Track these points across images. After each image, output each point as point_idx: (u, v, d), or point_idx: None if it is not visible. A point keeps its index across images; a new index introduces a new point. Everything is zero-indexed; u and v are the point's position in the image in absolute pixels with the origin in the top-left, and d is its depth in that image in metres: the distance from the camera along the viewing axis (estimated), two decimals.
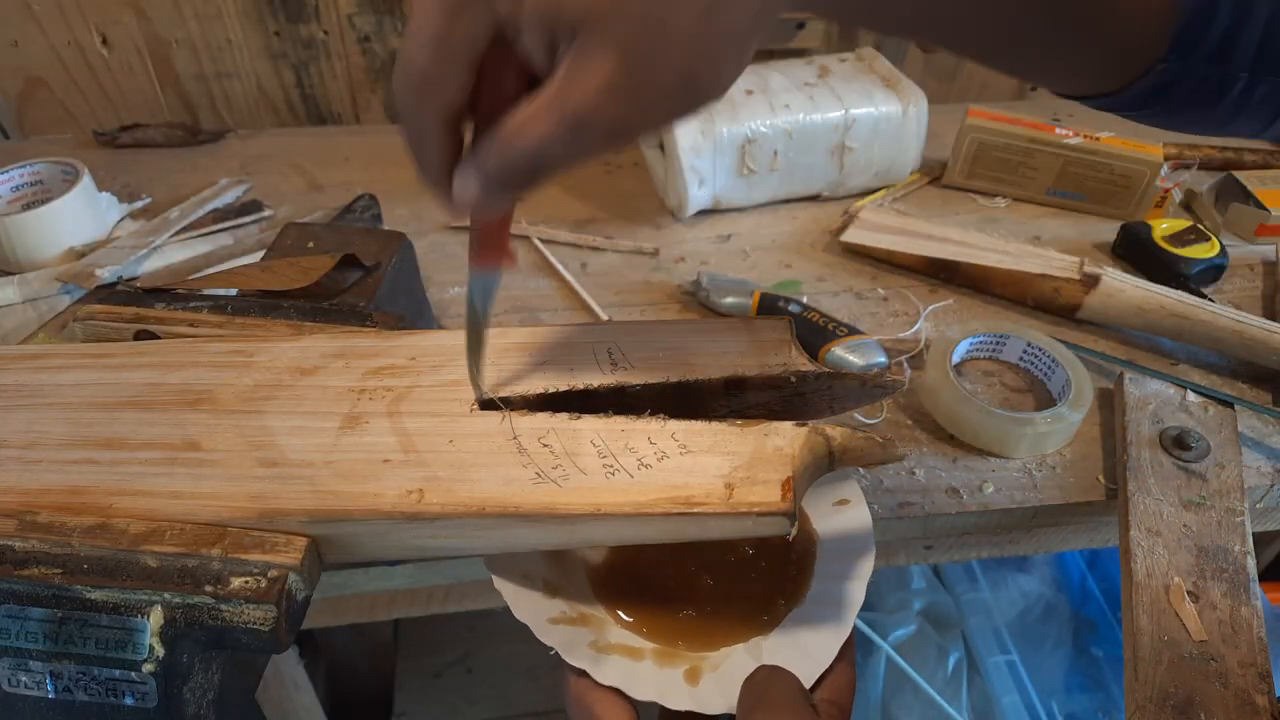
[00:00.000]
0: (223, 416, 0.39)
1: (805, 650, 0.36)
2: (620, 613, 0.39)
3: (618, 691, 0.35)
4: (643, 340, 0.42)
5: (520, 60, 0.29)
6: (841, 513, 0.42)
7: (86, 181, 0.75)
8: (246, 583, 0.33)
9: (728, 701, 0.34)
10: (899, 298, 0.75)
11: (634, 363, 0.40)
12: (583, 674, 0.35)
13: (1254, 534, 0.53)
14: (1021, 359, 0.67)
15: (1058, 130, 0.84)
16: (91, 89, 0.94)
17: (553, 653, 0.35)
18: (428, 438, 0.37)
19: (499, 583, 0.37)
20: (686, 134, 0.77)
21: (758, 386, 0.40)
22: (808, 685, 0.34)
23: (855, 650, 0.36)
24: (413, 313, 0.62)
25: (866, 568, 0.39)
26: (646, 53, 0.27)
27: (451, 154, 0.31)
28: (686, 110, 0.29)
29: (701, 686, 0.35)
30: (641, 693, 0.35)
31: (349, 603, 0.63)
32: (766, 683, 0.33)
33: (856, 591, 0.37)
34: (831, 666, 0.35)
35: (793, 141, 0.81)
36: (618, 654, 0.36)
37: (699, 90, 0.28)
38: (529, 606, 0.37)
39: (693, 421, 0.36)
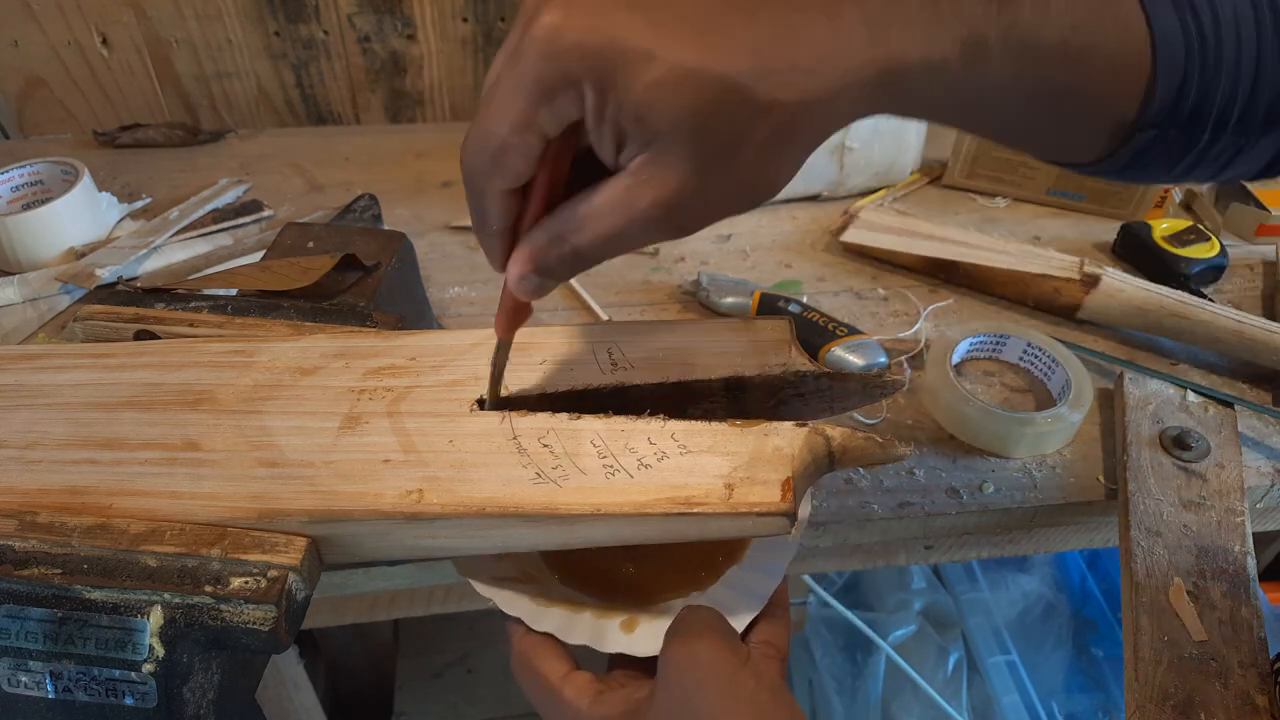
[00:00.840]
0: (223, 416, 0.39)
1: (738, 599, 0.37)
2: (563, 571, 0.40)
3: (554, 639, 0.36)
4: (643, 340, 0.42)
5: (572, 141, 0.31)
6: None
7: (86, 181, 0.75)
8: (246, 583, 0.33)
9: (659, 645, 0.35)
10: (899, 298, 0.75)
11: (634, 363, 0.40)
12: (517, 622, 0.36)
13: (1254, 534, 0.53)
14: (1021, 359, 0.67)
15: None
16: (91, 89, 0.94)
17: (491, 604, 0.37)
18: (428, 438, 0.37)
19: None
20: None
21: (758, 386, 0.40)
22: (740, 629, 0.36)
23: (789, 599, 0.38)
24: (413, 313, 0.62)
25: (803, 521, 0.40)
26: (723, 163, 0.29)
27: (510, 219, 0.33)
28: (742, 211, 0.31)
29: (636, 633, 0.37)
30: (576, 638, 0.36)
31: (349, 603, 0.63)
32: (689, 616, 0.34)
33: (789, 548, 0.39)
34: (767, 613, 0.37)
35: None
36: (559, 607, 0.37)
37: (760, 196, 0.31)
38: (474, 565, 0.38)
39: (693, 421, 0.36)
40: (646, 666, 0.36)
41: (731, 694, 0.32)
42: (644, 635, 0.37)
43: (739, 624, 0.36)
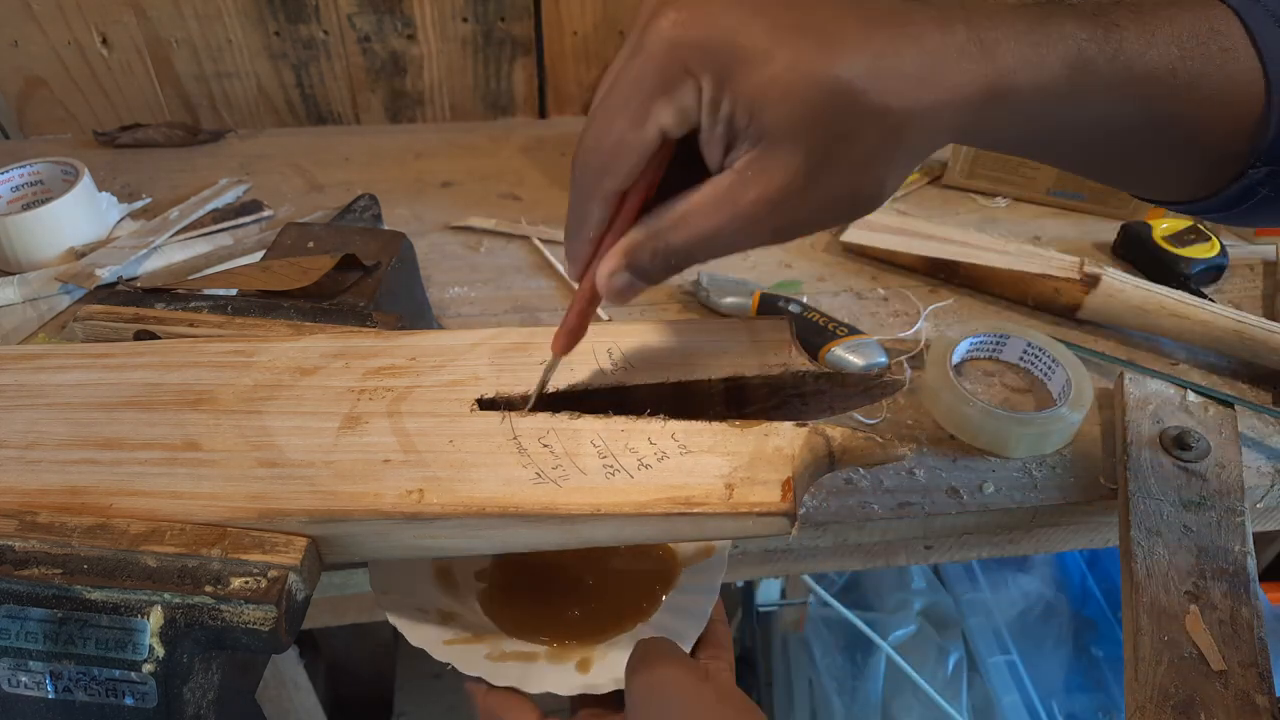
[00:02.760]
0: (223, 416, 0.39)
1: (682, 623, 0.39)
2: (513, 626, 0.41)
3: (516, 690, 0.37)
4: (643, 340, 0.42)
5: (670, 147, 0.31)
6: None
7: (86, 181, 0.75)
8: (246, 583, 0.33)
9: (616, 680, 0.37)
10: (899, 298, 0.75)
11: (634, 363, 0.40)
12: (478, 681, 0.38)
13: (1254, 534, 0.53)
14: (1021, 359, 0.67)
15: None
16: (91, 89, 0.94)
17: (449, 667, 0.38)
18: (428, 438, 0.37)
19: (392, 618, 0.40)
20: None
21: (758, 386, 0.40)
22: (688, 649, 0.38)
23: (723, 610, 0.40)
24: (413, 313, 0.62)
25: (725, 543, 0.42)
26: (830, 165, 0.29)
27: (605, 226, 0.33)
28: (844, 220, 0.31)
29: (593, 672, 0.38)
30: (535, 686, 0.37)
31: (349, 603, 0.63)
32: (645, 648, 0.36)
33: (718, 565, 0.41)
34: (708, 628, 0.39)
35: None
36: (513, 660, 0.39)
37: (865, 204, 0.31)
38: (425, 635, 0.39)
39: (693, 421, 0.36)
40: (608, 702, 0.38)
41: (698, 709, 0.34)
42: (600, 672, 0.38)
43: (686, 645, 0.38)
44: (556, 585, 0.43)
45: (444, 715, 1.17)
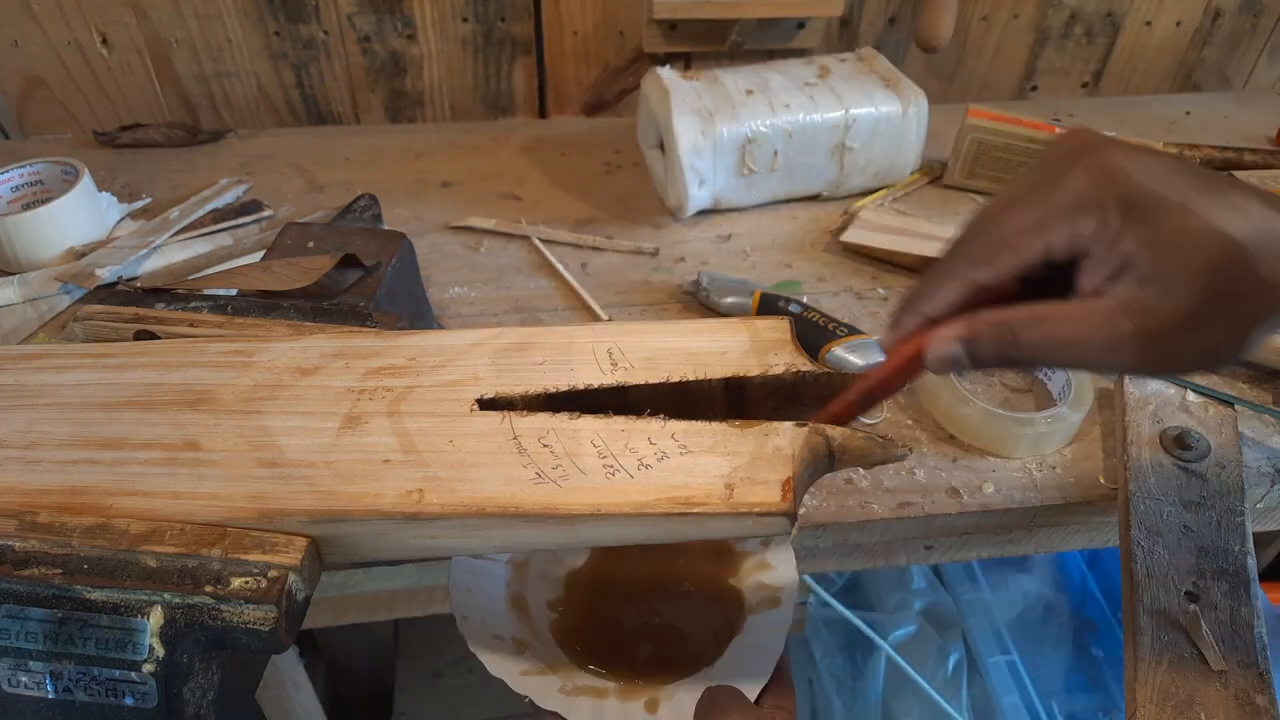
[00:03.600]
0: (223, 416, 0.39)
1: (747, 671, 0.40)
2: (584, 659, 0.42)
3: None
4: (643, 340, 0.42)
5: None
6: (766, 550, 0.46)
7: (86, 181, 0.75)
8: (246, 583, 0.33)
9: None
10: (899, 298, 0.75)
11: (634, 363, 0.40)
12: (556, 716, 0.39)
13: (1254, 534, 0.53)
14: None
15: (1058, 130, 0.84)
16: (91, 89, 0.94)
17: (527, 700, 0.39)
18: (428, 438, 0.37)
19: (474, 645, 0.41)
20: (686, 134, 0.77)
21: (758, 386, 0.40)
22: (753, 698, 0.38)
23: (789, 664, 0.41)
24: (413, 313, 0.62)
25: (791, 591, 0.43)
26: (1212, 319, 0.31)
27: (946, 310, 0.35)
28: (1194, 370, 0.34)
29: (660, 713, 0.39)
30: None
31: (349, 603, 0.63)
32: (713, 695, 0.37)
33: (784, 617, 0.42)
34: (773, 678, 0.40)
35: (793, 141, 0.81)
36: (585, 695, 0.39)
37: (1223, 360, 0.33)
38: (503, 664, 0.40)
39: (693, 421, 0.36)
40: None
41: None
42: (667, 713, 0.39)
43: (751, 693, 0.38)
44: (626, 621, 0.44)
45: (444, 715, 1.17)
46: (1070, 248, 0.33)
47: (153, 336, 0.48)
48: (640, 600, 0.45)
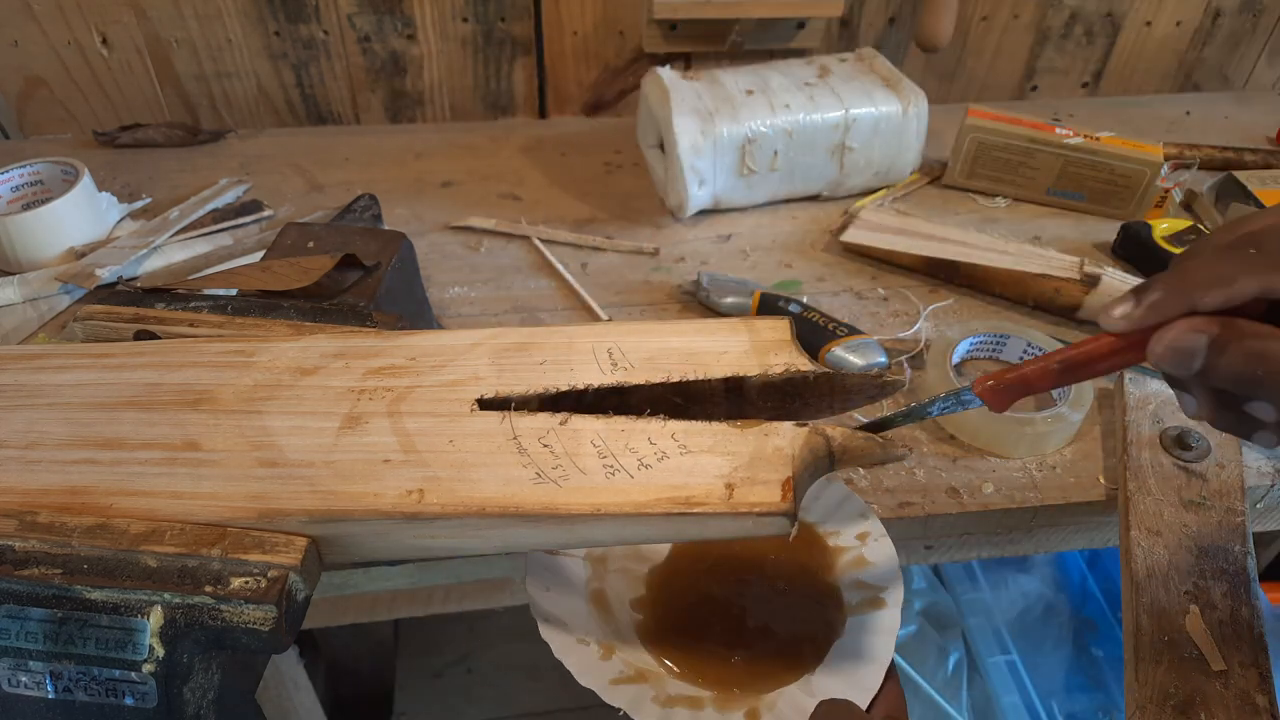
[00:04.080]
0: (223, 416, 0.39)
1: (855, 678, 0.37)
2: (675, 665, 0.40)
3: None
4: (643, 340, 0.41)
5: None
6: (864, 545, 0.43)
7: (86, 181, 0.75)
8: (246, 583, 0.33)
9: None
10: (899, 298, 0.75)
11: (634, 363, 0.40)
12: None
13: (1254, 534, 0.53)
14: (1022, 359, 0.67)
15: (1058, 130, 0.84)
16: (91, 89, 0.94)
17: (621, 714, 0.36)
18: (428, 438, 0.37)
19: (558, 651, 0.38)
20: (686, 134, 0.77)
21: (758, 386, 0.40)
22: (864, 707, 0.36)
23: (897, 672, 0.38)
24: (413, 313, 0.62)
25: (897, 593, 0.40)
26: None
27: (1168, 320, 0.33)
28: None
29: None
30: None
31: (349, 603, 0.63)
32: (828, 710, 0.34)
33: (893, 617, 0.39)
34: (882, 687, 0.37)
35: (793, 141, 0.81)
36: (681, 706, 0.37)
37: None
38: (591, 671, 0.38)
39: (693, 421, 0.36)
40: None
41: None
42: None
43: (861, 703, 0.36)
44: (716, 625, 0.42)
45: (444, 715, 1.17)
46: None
47: (153, 336, 0.48)
48: (731, 600, 0.42)
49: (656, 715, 0.36)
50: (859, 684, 0.37)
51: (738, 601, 0.42)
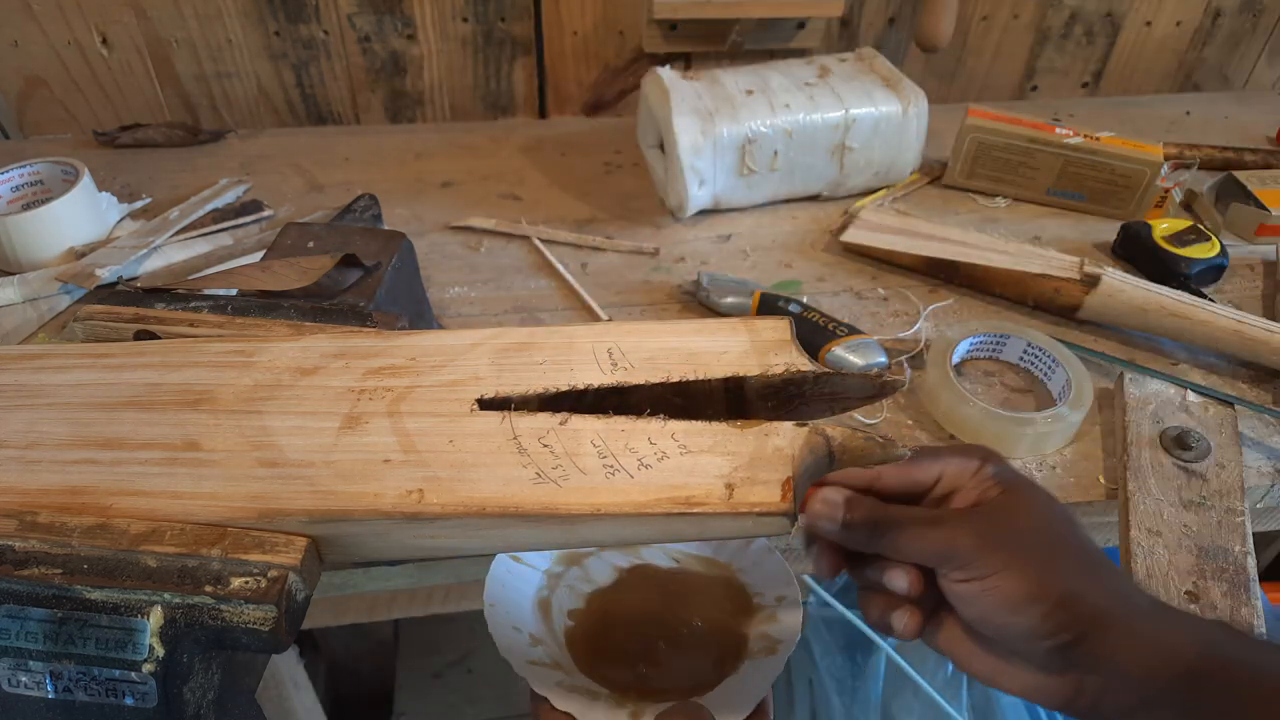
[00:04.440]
0: (223, 416, 0.39)
1: (730, 704, 0.41)
2: (587, 665, 0.44)
3: (573, 717, 0.40)
4: (643, 340, 0.41)
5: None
6: (779, 606, 0.47)
7: (86, 181, 0.75)
8: (246, 583, 0.33)
9: None
10: (899, 298, 0.75)
11: (634, 363, 0.40)
12: (544, 700, 0.40)
13: (1254, 534, 0.53)
14: (1022, 359, 0.67)
15: (1058, 130, 0.84)
16: (91, 89, 0.94)
17: (522, 681, 0.41)
18: (428, 438, 0.37)
19: (492, 629, 0.43)
20: (686, 134, 0.77)
21: (758, 386, 0.40)
22: None
23: (772, 705, 0.43)
24: (413, 313, 0.62)
25: (791, 646, 0.44)
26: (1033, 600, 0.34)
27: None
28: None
29: None
30: None
31: (349, 603, 0.63)
32: (679, 709, 0.39)
33: (779, 663, 0.43)
34: (753, 713, 0.41)
35: (793, 141, 0.81)
36: (579, 694, 0.41)
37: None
38: (514, 651, 0.42)
39: (693, 421, 0.36)
40: None
41: None
42: None
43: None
44: (633, 643, 0.46)
45: (444, 715, 1.17)
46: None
47: (153, 336, 0.48)
48: (651, 626, 0.46)
49: (554, 694, 0.41)
50: (732, 709, 0.41)
51: (658, 628, 0.46)
